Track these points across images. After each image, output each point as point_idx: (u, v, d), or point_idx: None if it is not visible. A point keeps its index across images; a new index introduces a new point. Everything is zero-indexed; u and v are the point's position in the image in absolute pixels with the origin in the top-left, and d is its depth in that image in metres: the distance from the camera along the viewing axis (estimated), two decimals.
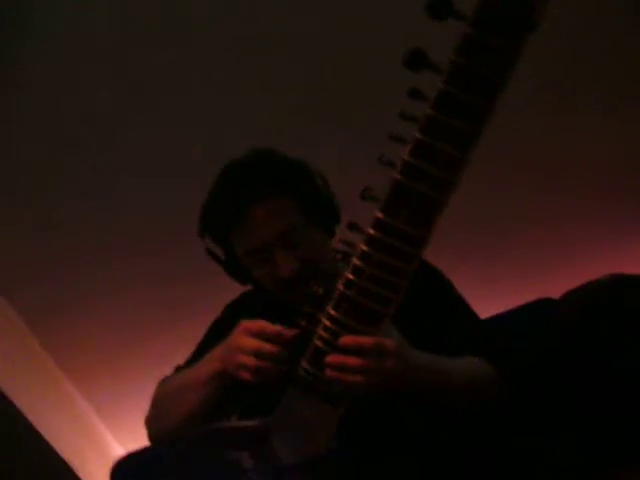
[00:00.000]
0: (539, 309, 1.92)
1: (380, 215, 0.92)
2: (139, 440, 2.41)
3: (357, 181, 0.96)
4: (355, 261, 0.96)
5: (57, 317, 2.35)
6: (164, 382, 1.40)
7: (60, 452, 2.22)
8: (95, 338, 2.41)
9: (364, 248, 0.95)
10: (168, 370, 1.45)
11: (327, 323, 1.02)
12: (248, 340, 1.09)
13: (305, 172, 1.28)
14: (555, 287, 1.93)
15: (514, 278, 2.45)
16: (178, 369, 1.43)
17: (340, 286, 0.99)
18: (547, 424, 1.59)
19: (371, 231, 0.93)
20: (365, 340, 0.99)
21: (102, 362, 2.45)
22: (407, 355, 1.05)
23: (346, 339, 0.99)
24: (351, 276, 0.97)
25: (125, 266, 2.28)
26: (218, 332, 1.37)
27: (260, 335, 1.09)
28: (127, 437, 2.58)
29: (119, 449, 2.57)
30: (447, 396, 1.16)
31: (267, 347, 1.07)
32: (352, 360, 0.99)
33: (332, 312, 1.01)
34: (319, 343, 1.04)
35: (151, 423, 1.39)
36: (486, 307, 1.49)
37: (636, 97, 2.16)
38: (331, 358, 1.01)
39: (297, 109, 2.07)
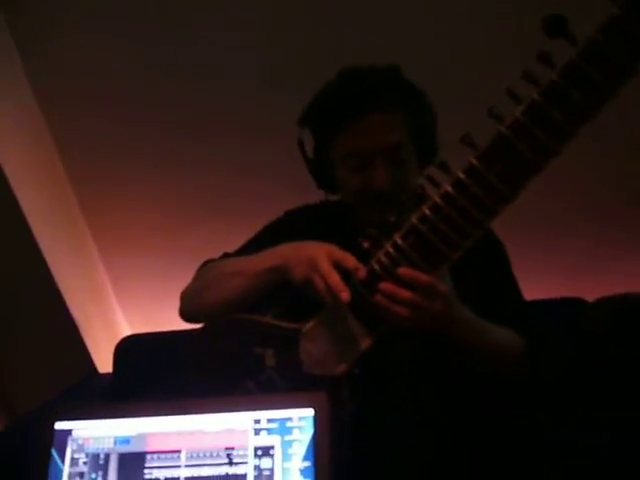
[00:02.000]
0: (569, 307, 1.95)
1: (475, 162, 0.98)
2: (147, 324, 2.52)
3: None
4: (436, 199, 1.03)
5: (102, 185, 2.42)
6: (210, 263, 1.48)
7: (72, 311, 2.31)
8: (132, 212, 2.47)
9: (449, 189, 1.01)
10: (197, 264, 1.52)
11: (390, 250, 1.09)
12: (327, 266, 1.13)
13: (424, 99, 1.33)
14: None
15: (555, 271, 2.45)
16: (226, 257, 1.49)
17: (414, 219, 1.06)
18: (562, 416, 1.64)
19: (461, 175, 0.99)
20: (422, 277, 1.05)
21: (132, 238, 2.52)
22: (454, 305, 1.13)
23: (405, 270, 1.06)
24: (428, 212, 1.04)
25: (183, 147, 2.33)
26: (274, 235, 1.43)
27: (339, 265, 1.13)
28: (136, 318, 2.66)
29: (126, 327, 2.66)
30: (476, 356, 1.23)
31: (337, 284, 1.10)
32: (404, 293, 1.06)
33: (399, 241, 1.08)
34: (376, 266, 1.11)
35: (188, 297, 1.47)
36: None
37: None
38: (385, 286, 1.08)
39: None
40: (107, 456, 0.94)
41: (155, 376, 1.79)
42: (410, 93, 1.31)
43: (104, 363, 2.38)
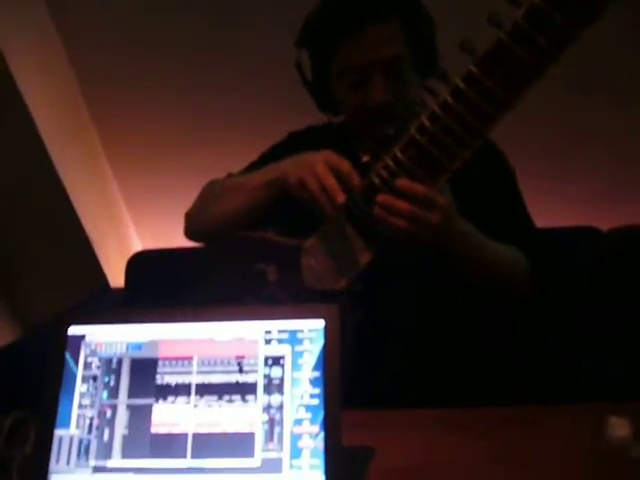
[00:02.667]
0: (583, 236, 1.94)
1: (474, 69, 0.97)
2: (159, 240, 2.54)
3: None
4: (435, 109, 1.02)
5: (117, 104, 2.41)
6: (214, 182, 1.49)
7: (85, 226, 2.33)
8: (145, 130, 2.47)
9: (448, 99, 1.00)
10: (206, 181, 1.53)
11: (389, 163, 1.09)
12: (323, 168, 1.13)
13: (422, 9, 1.30)
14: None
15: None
16: (230, 177, 1.49)
17: (413, 130, 1.05)
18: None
19: (460, 83, 0.99)
20: (419, 188, 1.05)
21: (145, 156, 2.52)
22: (453, 217, 1.12)
23: (402, 182, 1.06)
24: (427, 123, 1.03)
25: (199, 70, 2.31)
26: (278, 156, 1.42)
27: (335, 169, 1.13)
28: (148, 235, 2.69)
29: (138, 243, 2.68)
30: (477, 271, 1.24)
31: (332, 186, 1.11)
32: (402, 204, 1.06)
33: (398, 153, 1.08)
34: (375, 180, 1.12)
35: (191, 216, 1.49)
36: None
37: None
38: (383, 197, 1.08)
39: None
40: (120, 361, 0.96)
41: (165, 291, 1.81)
42: (408, 3, 1.27)
43: (116, 278, 2.41)
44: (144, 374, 0.95)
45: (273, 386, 0.91)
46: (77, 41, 2.29)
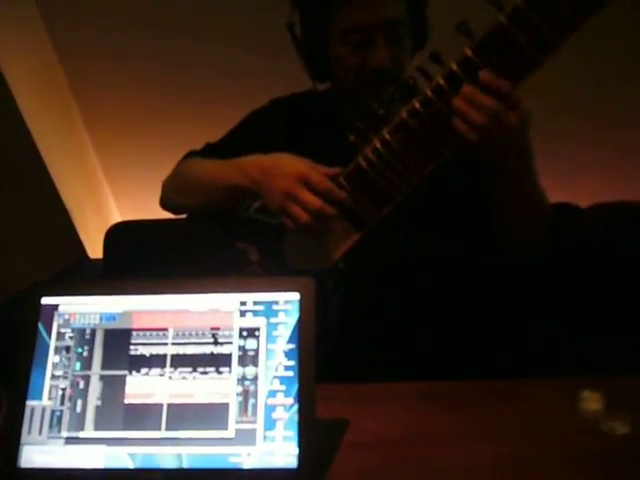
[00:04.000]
0: (562, 213, 1.93)
1: (469, 53, 0.92)
2: (138, 211, 2.51)
3: None
4: (427, 93, 0.97)
5: (95, 65, 2.37)
6: (188, 163, 1.43)
7: (63, 197, 2.30)
8: (125, 101, 2.43)
9: (441, 82, 0.95)
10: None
11: (377, 145, 1.04)
12: (307, 195, 1.07)
13: None
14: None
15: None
16: (208, 147, 1.46)
17: (403, 113, 1.00)
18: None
19: (454, 67, 0.93)
20: (504, 84, 0.95)
21: (124, 127, 2.49)
22: (529, 125, 1.04)
23: (485, 74, 0.95)
24: (418, 106, 0.98)
25: (174, 42, 2.28)
26: (258, 125, 1.39)
27: (308, 183, 1.08)
28: (128, 206, 2.66)
29: (117, 214, 2.65)
30: (520, 195, 1.20)
31: (327, 209, 1.07)
32: (485, 98, 0.95)
33: (387, 136, 1.03)
34: (363, 163, 1.07)
35: (167, 191, 1.45)
36: None
37: None
38: (467, 89, 0.96)
39: None
40: (93, 331, 0.94)
41: (144, 263, 1.79)
42: None
43: (95, 249, 2.38)
44: (118, 345, 0.93)
45: (248, 358, 0.90)
46: (57, 15, 2.24)
